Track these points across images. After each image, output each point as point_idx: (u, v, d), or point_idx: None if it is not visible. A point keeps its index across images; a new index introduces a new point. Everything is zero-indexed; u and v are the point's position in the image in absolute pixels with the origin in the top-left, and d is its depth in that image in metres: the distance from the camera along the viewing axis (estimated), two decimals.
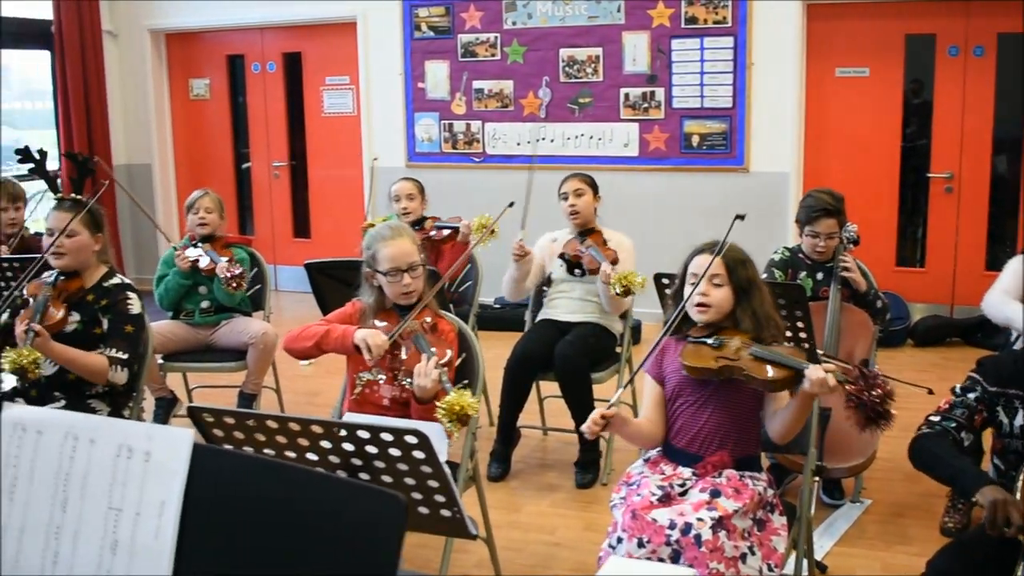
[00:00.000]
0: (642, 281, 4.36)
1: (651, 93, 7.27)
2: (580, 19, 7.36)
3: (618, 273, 4.39)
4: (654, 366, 3.13)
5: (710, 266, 2.99)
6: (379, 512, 1.29)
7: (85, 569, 1.50)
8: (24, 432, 1.58)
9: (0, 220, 5.21)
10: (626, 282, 4.34)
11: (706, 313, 3.01)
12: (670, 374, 3.09)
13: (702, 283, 2.99)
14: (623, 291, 4.35)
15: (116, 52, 9.00)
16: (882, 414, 2.75)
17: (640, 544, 2.74)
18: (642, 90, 7.29)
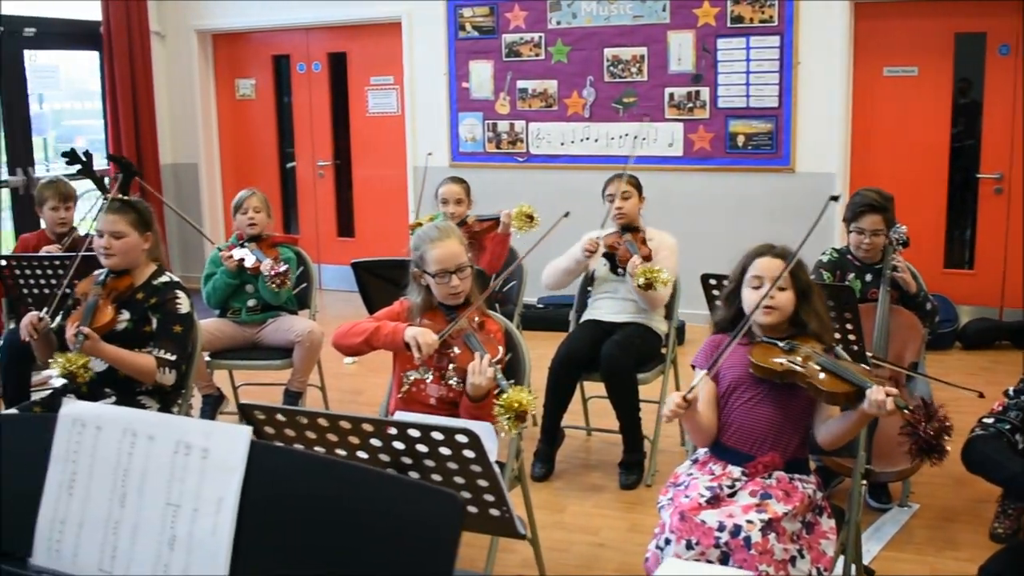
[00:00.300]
0: (666, 280, 4.38)
1: (696, 93, 7.23)
2: (625, 18, 7.34)
3: (643, 267, 4.38)
4: (707, 361, 3.11)
5: (783, 271, 2.98)
6: (437, 511, 1.29)
7: (143, 564, 1.52)
8: (83, 428, 1.60)
9: (51, 219, 5.27)
10: (650, 276, 4.34)
11: (772, 315, 3.00)
12: (725, 371, 3.07)
13: (768, 286, 2.99)
14: (645, 284, 4.36)
15: (163, 53, 9.09)
16: (935, 447, 2.72)
17: (689, 546, 2.73)
18: (687, 89, 7.26)
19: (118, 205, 3.73)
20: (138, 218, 3.73)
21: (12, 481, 1.69)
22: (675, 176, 7.27)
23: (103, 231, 3.69)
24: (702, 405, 3.08)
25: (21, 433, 1.71)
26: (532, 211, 4.88)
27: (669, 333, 4.76)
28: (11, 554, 1.68)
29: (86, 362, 3.40)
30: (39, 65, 8.37)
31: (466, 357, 3.28)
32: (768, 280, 3.00)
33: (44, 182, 5.34)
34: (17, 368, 4.89)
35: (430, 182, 5.84)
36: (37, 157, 8.33)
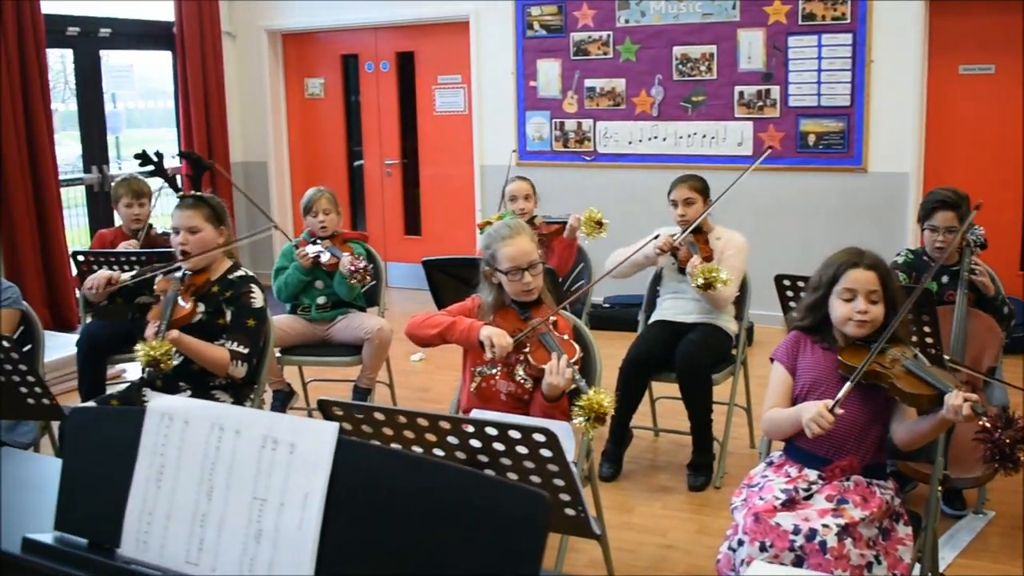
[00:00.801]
0: (725, 279, 4.33)
1: (766, 91, 7.15)
2: (694, 16, 7.28)
3: (702, 266, 4.34)
4: (788, 357, 3.10)
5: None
6: (524, 510, 1.29)
7: (229, 557, 1.54)
8: (171, 422, 1.63)
9: (126, 216, 5.36)
10: (708, 276, 4.30)
11: (864, 328, 2.97)
12: (803, 370, 3.05)
13: (860, 301, 2.95)
14: (704, 284, 4.32)
15: (234, 52, 9.22)
16: (1008, 457, 2.65)
17: (762, 548, 2.70)
18: (757, 88, 7.18)
19: (191, 201, 3.77)
20: (212, 213, 3.78)
21: (101, 474, 1.72)
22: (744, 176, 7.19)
23: (178, 227, 3.74)
24: (779, 399, 3.06)
25: (110, 426, 1.74)
26: (601, 217, 4.84)
27: (739, 334, 4.72)
28: (100, 545, 1.71)
29: (169, 349, 3.41)
30: (112, 65, 8.53)
31: (541, 356, 3.28)
32: (862, 294, 2.95)
33: (118, 180, 5.43)
34: (93, 362, 4.99)
35: (493, 182, 5.86)
36: (111, 155, 8.50)
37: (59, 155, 7.67)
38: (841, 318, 2.98)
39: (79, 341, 5.04)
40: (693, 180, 4.71)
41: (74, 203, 8.22)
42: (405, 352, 6.41)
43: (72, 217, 8.11)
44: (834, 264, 3.03)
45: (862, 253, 3.02)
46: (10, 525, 1.87)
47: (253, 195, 9.18)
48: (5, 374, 3.12)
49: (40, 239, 7.43)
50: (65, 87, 8.19)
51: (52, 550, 1.70)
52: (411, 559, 1.39)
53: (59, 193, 7.61)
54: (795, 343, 3.10)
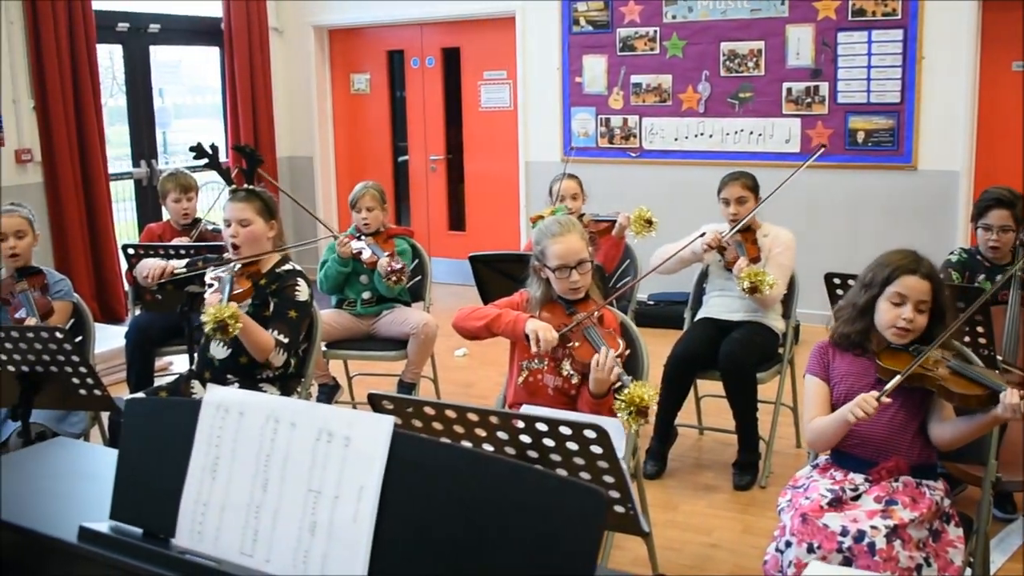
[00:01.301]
0: (771, 282, 4.30)
1: (815, 88, 7.08)
2: (742, 12, 7.23)
3: (748, 269, 4.30)
4: (819, 367, 3.07)
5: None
6: (580, 507, 1.28)
7: (284, 548, 1.54)
8: (227, 413, 1.64)
9: (174, 210, 5.42)
10: (754, 279, 4.27)
11: (906, 337, 2.93)
12: (838, 378, 3.03)
13: (909, 309, 2.91)
14: (749, 288, 4.29)
15: (281, 48, 9.27)
16: None
17: (810, 549, 2.68)
18: (805, 84, 7.12)
19: (243, 194, 3.79)
20: (263, 206, 3.80)
21: (157, 464, 1.74)
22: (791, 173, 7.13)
23: (230, 219, 3.77)
24: (820, 409, 3.03)
25: (166, 417, 1.75)
26: (651, 216, 4.80)
27: (786, 332, 4.67)
28: (155, 534, 1.73)
29: (235, 312, 3.39)
30: (161, 60, 8.62)
31: (586, 351, 3.29)
32: (912, 303, 2.91)
33: (166, 175, 5.49)
34: (142, 353, 5.05)
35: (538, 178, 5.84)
36: (159, 150, 8.59)
37: (108, 150, 7.76)
38: (885, 322, 2.95)
39: (128, 333, 5.10)
40: (745, 178, 4.67)
41: (122, 197, 8.31)
42: (449, 347, 6.42)
43: (120, 211, 8.20)
44: (890, 265, 2.98)
45: (920, 260, 2.96)
46: (66, 514, 1.89)
47: (299, 190, 9.28)
48: (58, 365, 3.16)
49: (89, 233, 7.52)
50: (113, 82, 8.27)
51: (108, 539, 1.72)
52: (466, 554, 1.39)
53: (108, 187, 7.70)
54: (823, 354, 3.08)
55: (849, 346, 3.03)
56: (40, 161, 7.21)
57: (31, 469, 2.19)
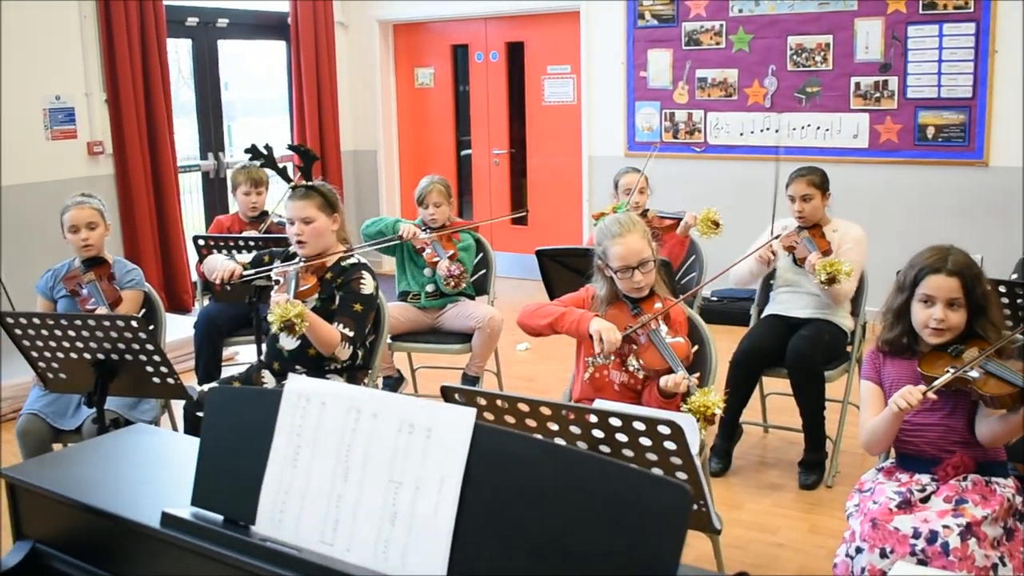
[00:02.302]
0: (848, 271, 4.22)
1: (884, 82, 6.98)
2: (810, 6, 7.13)
3: (823, 260, 4.25)
4: (873, 372, 3.05)
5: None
6: (665, 502, 1.27)
7: (364, 538, 1.55)
8: (308, 403, 1.65)
9: (243, 203, 5.48)
10: (831, 270, 4.20)
11: (942, 336, 2.89)
12: (889, 383, 3.01)
13: (939, 308, 2.86)
14: (827, 279, 4.22)
15: (346, 42, 9.34)
16: None
17: (883, 554, 2.64)
18: (874, 79, 7.01)
19: (303, 191, 3.79)
20: (324, 201, 3.80)
21: (238, 452, 1.76)
22: (859, 169, 7.04)
23: (292, 218, 3.79)
24: (874, 413, 3.00)
25: (248, 406, 1.77)
26: (718, 217, 4.75)
27: (855, 330, 4.61)
28: (235, 521, 1.75)
29: (302, 311, 3.43)
30: (228, 54, 8.72)
31: (651, 354, 3.28)
32: (941, 301, 2.86)
33: (238, 167, 5.55)
34: (210, 343, 5.12)
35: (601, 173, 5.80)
36: (225, 143, 8.70)
37: (176, 143, 7.87)
38: (919, 323, 2.92)
39: (197, 323, 5.18)
40: (811, 174, 4.59)
41: (190, 189, 8.43)
42: (511, 341, 6.43)
43: (188, 203, 8.32)
44: (916, 266, 2.95)
45: (946, 256, 2.91)
46: (148, 500, 1.93)
47: (363, 184, 9.36)
48: (132, 353, 3.21)
49: (158, 224, 7.64)
50: (179, 76, 8.38)
51: (190, 525, 1.75)
52: (548, 547, 1.39)
53: (177, 179, 7.81)
54: (874, 358, 3.06)
55: (896, 351, 2.99)
56: (111, 153, 7.34)
57: (113, 455, 2.23)
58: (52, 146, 7.02)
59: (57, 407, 3.87)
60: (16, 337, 3.31)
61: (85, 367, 3.27)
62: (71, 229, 4.10)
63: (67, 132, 7.10)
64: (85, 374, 3.29)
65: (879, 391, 3.02)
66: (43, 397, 3.88)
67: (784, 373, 4.43)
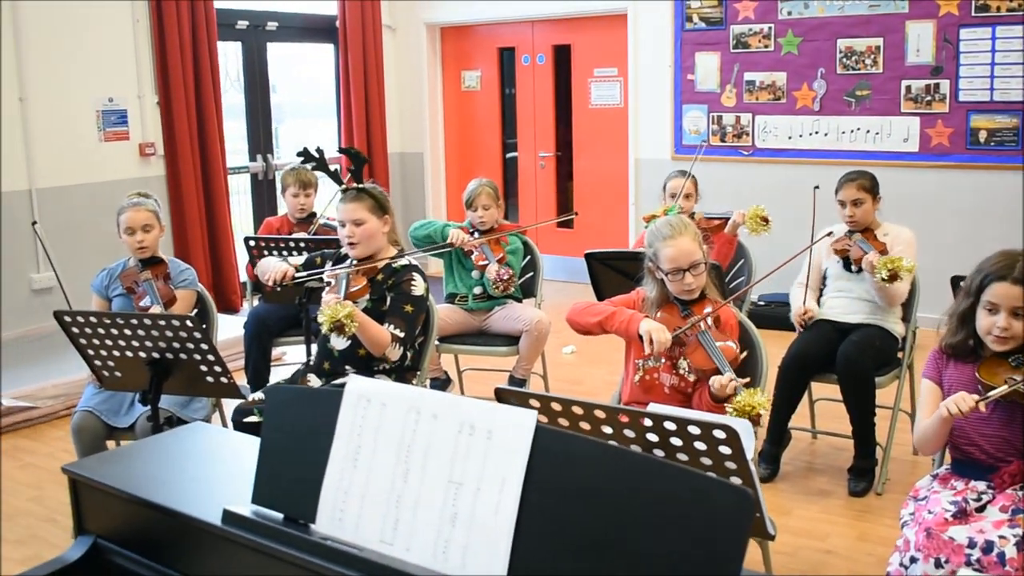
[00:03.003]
0: (911, 266, 4.18)
1: (935, 85, 6.90)
2: (860, 8, 7.08)
3: (883, 258, 4.20)
4: (934, 371, 3.03)
5: None
6: (728, 506, 1.27)
7: (424, 538, 1.57)
8: (369, 404, 1.67)
9: (292, 205, 5.53)
10: (892, 266, 4.14)
11: (1006, 344, 2.86)
12: (949, 385, 2.97)
13: (1003, 316, 2.83)
14: (888, 276, 4.17)
15: (393, 45, 9.39)
16: None
17: (937, 564, 2.62)
18: (925, 82, 6.94)
19: (354, 193, 3.81)
20: (375, 203, 3.83)
21: (298, 451, 1.78)
22: (910, 173, 6.97)
23: (344, 220, 3.81)
24: (928, 412, 2.99)
25: (308, 406, 1.79)
26: (766, 213, 4.73)
27: (906, 336, 4.57)
28: (295, 520, 1.77)
29: (351, 312, 3.45)
30: (276, 57, 8.80)
31: (700, 355, 3.28)
32: (1005, 310, 2.83)
33: (287, 169, 5.61)
34: (260, 343, 5.17)
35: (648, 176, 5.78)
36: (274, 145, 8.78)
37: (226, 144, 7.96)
38: (983, 329, 2.89)
39: (246, 323, 5.22)
40: (862, 178, 4.55)
41: (238, 190, 8.51)
42: (557, 344, 6.44)
43: (236, 204, 8.40)
44: (983, 272, 2.91)
45: (1014, 264, 2.86)
46: (208, 497, 1.95)
47: (409, 185, 9.40)
48: (187, 352, 3.25)
49: (208, 224, 7.73)
50: (225, 78, 8.46)
51: (251, 523, 1.77)
52: (609, 550, 1.39)
53: (227, 181, 7.90)
54: (937, 358, 3.04)
55: (960, 354, 2.97)
56: (163, 154, 7.44)
57: (173, 452, 2.26)
58: (105, 147, 7.13)
59: (111, 404, 3.92)
60: (73, 335, 3.36)
61: (140, 365, 3.31)
62: (127, 231, 4.14)
63: (119, 134, 7.21)
64: (140, 372, 3.33)
65: (938, 391, 3.00)
66: (97, 394, 3.93)
67: (833, 379, 4.39)
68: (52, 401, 5.53)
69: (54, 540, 4.06)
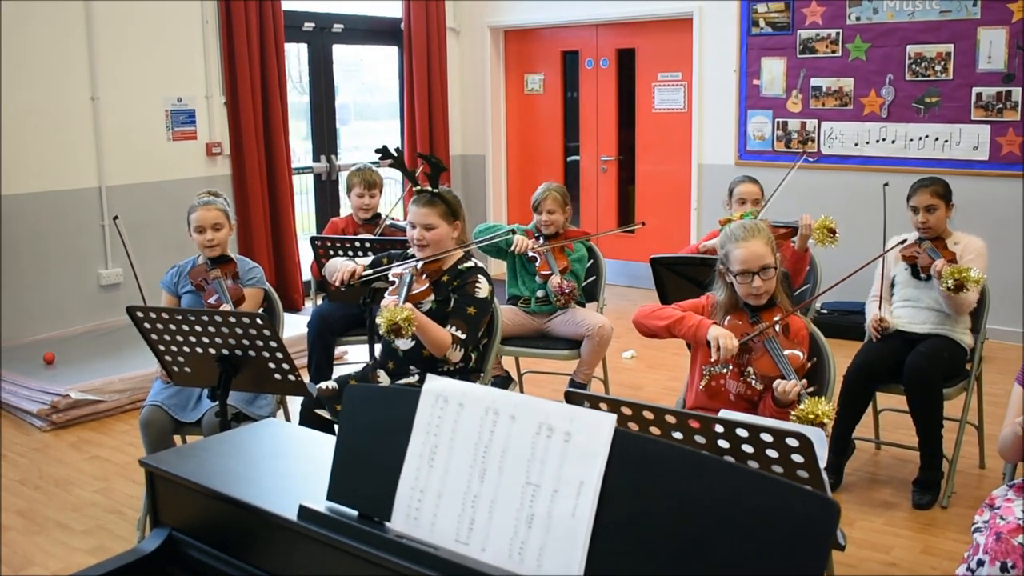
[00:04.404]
0: (977, 278, 4.09)
1: (1007, 93, 6.78)
2: (931, 14, 6.97)
3: (951, 267, 4.14)
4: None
5: None
6: (811, 516, 1.26)
7: (500, 539, 1.57)
8: (446, 403, 1.68)
9: (356, 204, 5.56)
10: (959, 276, 4.08)
11: None
12: None
13: None
14: (954, 286, 4.10)
15: (457, 48, 9.44)
16: None
17: (1003, 568, 2.58)
18: (996, 89, 6.82)
19: (428, 198, 3.84)
20: (447, 209, 3.85)
21: (374, 449, 1.79)
22: (979, 182, 6.85)
23: (415, 223, 3.85)
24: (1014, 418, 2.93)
25: (385, 404, 1.81)
26: (834, 225, 4.65)
27: (975, 347, 4.49)
28: (370, 517, 1.78)
29: (409, 316, 3.47)
30: (342, 58, 8.88)
31: (766, 362, 3.26)
32: None
33: (353, 169, 5.65)
34: (323, 342, 5.21)
35: (712, 181, 5.74)
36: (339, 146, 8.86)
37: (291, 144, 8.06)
38: None
39: (310, 322, 5.27)
40: (936, 184, 4.49)
41: (302, 190, 8.60)
42: (617, 349, 6.42)
43: (300, 204, 8.49)
44: None
45: None
46: (283, 492, 1.98)
47: (471, 187, 9.44)
48: (256, 349, 3.28)
49: (272, 224, 7.83)
50: (291, 79, 8.55)
51: (327, 519, 1.78)
52: (687, 556, 1.39)
53: (291, 181, 7.99)
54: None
55: None
56: (229, 154, 7.54)
57: (247, 448, 2.29)
58: (173, 147, 7.25)
59: (179, 399, 3.98)
60: (145, 331, 3.41)
61: (210, 362, 3.36)
62: (197, 229, 4.20)
63: (187, 133, 7.32)
64: (209, 368, 3.37)
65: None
66: (165, 389, 3.99)
67: (899, 389, 4.34)
68: (119, 395, 5.63)
69: (120, 532, 4.13)
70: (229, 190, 7.48)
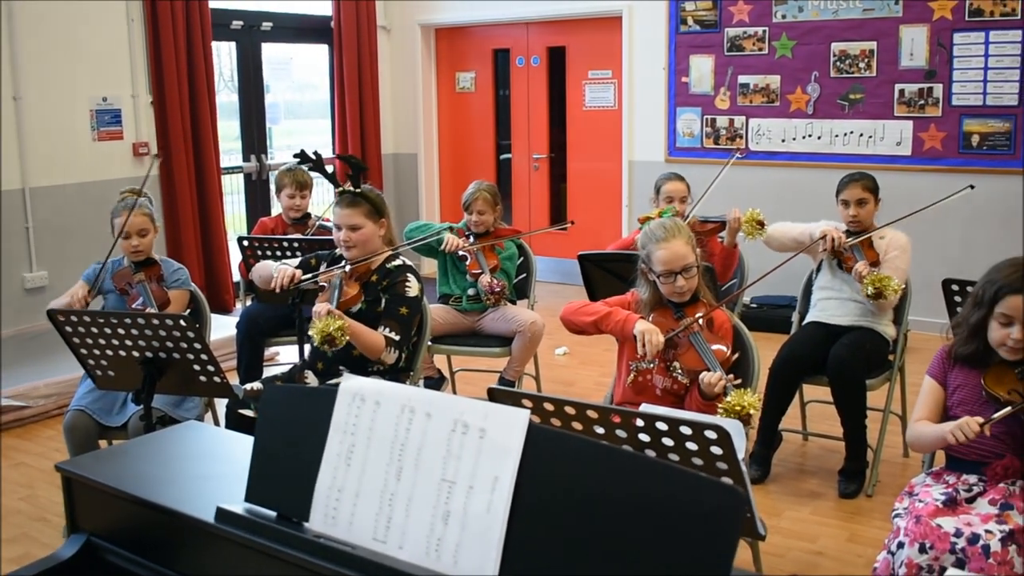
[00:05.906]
0: (896, 287, 4.21)
1: (928, 89, 6.92)
2: (854, 12, 7.10)
3: (873, 274, 4.23)
4: (939, 371, 3.05)
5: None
6: (721, 505, 1.28)
7: (416, 536, 1.58)
8: (363, 402, 1.68)
9: (286, 205, 5.52)
10: (879, 284, 4.19)
11: (1018, 355, 2.88)
12: (954, 387, 3.01)
13: (1017, 328, 2.84)
14: (874, 293, 4.22)
15: (388, 46, 9.40)
16: None
17: (922, 549, 2.66)
18: (918, 86, 6.96)
19: (350, 198, 3.82)
20: (371, 208, 3.84)
21: (292, 450, 1.79)
22: (902, 176, 6.99)
23: (340, 225, 3.83)
24: (928, 411, 3.03)
25: (302, 404, 1.80)
26: (763, 217, 4.72)
27: (897, 339, 4.58)
28: (288, 518, 1.78)
29: (343, 325, 3.48)
30: (271, 57, 8.80)
31: (692, 357, 3.30)
32: (1020, 323, 2.84)
33: (283, 170, 5.59)
34: (252, 343, 5.17)
35: (641, 177, 5.78)
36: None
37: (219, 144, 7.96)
38: (995, 341, 2.91)
39: (239, 323, 5.23)
40: (865, 179, 4.58)
41: (231, 190, 8.51)
42: (549, 346, 6.45)
43: (230, 204, 8.40)
44: (995, 283, 2.91)
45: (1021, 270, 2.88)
46: (201, 495, 1.96)
47: (403, 186, 9.41)
48: (180, 352, 3.25)
49: (201, 224, 7.73)
50: (219, 78, 8.45)
51: (244, 521, 1.77)
52: (600, 548, 1.40)
53: (220, 181, 7.89)
54: (944, 358, 3.06)
55: (969, 361, 2.98)
56: (156, 154, 7.43)
57: (166, 451, 2.27)
58: (99, 147, 7.13)
59: (104, 404, 3.92)
60: (66, 334, 3.36)
61: (134, 365, 3.31)
62: (123, 235, 4.13)
63: (113, 133, 7.21)
64: (133, 372, 3.33)
65: (939, 392, 3.03)
66: (89, 394, 3.93)
67: (824, 381, 4.41)
68: (44, 400, 5.53)
69: (45, 539, 4.06)
70: (157, 190, 7.37)
